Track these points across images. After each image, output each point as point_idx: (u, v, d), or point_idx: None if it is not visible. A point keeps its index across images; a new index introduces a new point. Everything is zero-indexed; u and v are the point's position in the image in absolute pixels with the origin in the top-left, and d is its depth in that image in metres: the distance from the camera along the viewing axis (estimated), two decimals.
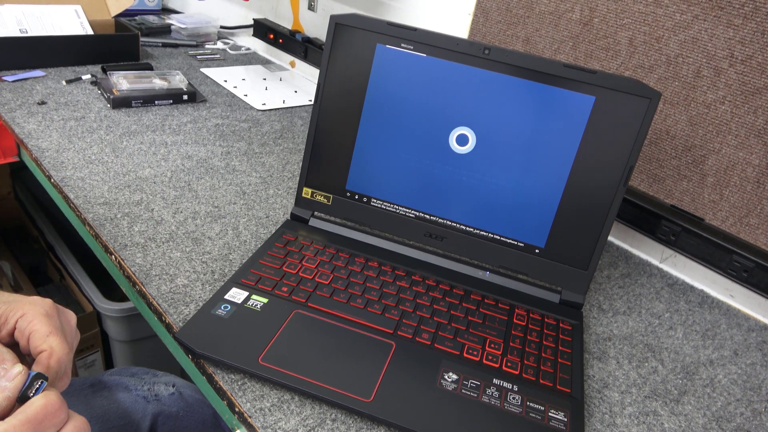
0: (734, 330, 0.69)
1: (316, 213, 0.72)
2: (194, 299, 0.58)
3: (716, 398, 0.58)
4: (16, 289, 1.34)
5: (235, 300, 0.57)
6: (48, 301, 0.44)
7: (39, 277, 1.41)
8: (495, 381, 0.53)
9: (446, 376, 0.52)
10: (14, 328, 0.42)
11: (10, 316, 0.42)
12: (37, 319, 0.41)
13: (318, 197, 0.71)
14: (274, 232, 0.69)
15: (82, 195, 0.72)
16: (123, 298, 1.14)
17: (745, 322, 0.71)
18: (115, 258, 0.63)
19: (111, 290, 1.18)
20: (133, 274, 0.61)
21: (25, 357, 0.43)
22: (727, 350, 0.66)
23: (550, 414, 0.50)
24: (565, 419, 0.50)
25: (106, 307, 1.14)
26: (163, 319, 0.56)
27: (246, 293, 0.58)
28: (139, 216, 0.70)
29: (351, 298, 0.59)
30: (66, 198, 0.72)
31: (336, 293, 0.60)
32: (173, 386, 0.73)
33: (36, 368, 0.39)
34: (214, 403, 0.56)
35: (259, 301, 0.57)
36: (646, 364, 0.61)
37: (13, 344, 0.42)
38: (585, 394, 0.55)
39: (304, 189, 0.71)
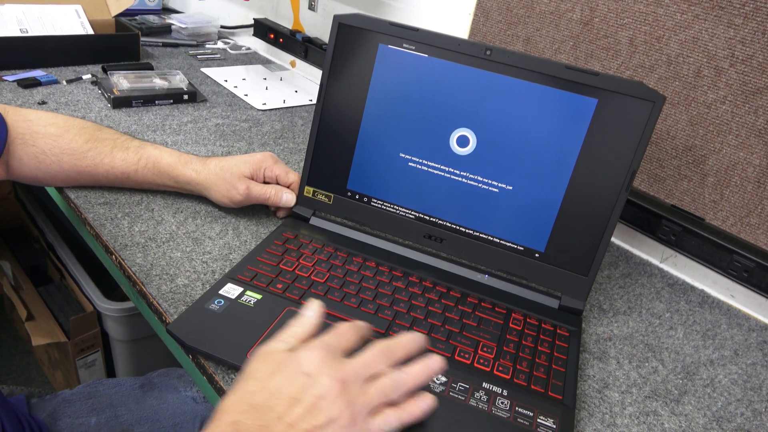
0: (735, 330, 0.69)
1: (317, 212, 0.72)
2: (194, 299, 0.58)
3: (716, 398, 0.58)
4: (17, 289, 1.34)
5: (229, 295, 0.57)
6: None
7: (39, 277, 1.41)
8: (484, 385, 0.52)
9: (434, 378, 0.52)
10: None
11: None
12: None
13: (319, 196, 0.71)
14: (274, 230, 0.69)
15: (83, 195, 0.72)
16: (123, 297, 1.14)
17: (746, 322, 0.71)
18: (116, 258, 0.63)
19: (111, 290, 1.19)
20: (134, 274, 0.61)
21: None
22: (727, 350, 0.66)
23: (538, 420, 0.49)
24: (554, 426, 0.49)
25: (107, 306, 1.14)
26: (164, 319, 0.56)
27: (241, 289, 0.58)
28: (140, 216, 0.70)
29: (345, 297, 0.59)
30: (66, 198, 0.72)
31: (330, 291, 0.60)
32: None
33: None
34: (214, 403, 0.56)
35: (253, 297, 0.57)
36: (647, 364, 0.61)
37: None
38: (585, 395, 0.55)
39: (306, 188, 0.71)
